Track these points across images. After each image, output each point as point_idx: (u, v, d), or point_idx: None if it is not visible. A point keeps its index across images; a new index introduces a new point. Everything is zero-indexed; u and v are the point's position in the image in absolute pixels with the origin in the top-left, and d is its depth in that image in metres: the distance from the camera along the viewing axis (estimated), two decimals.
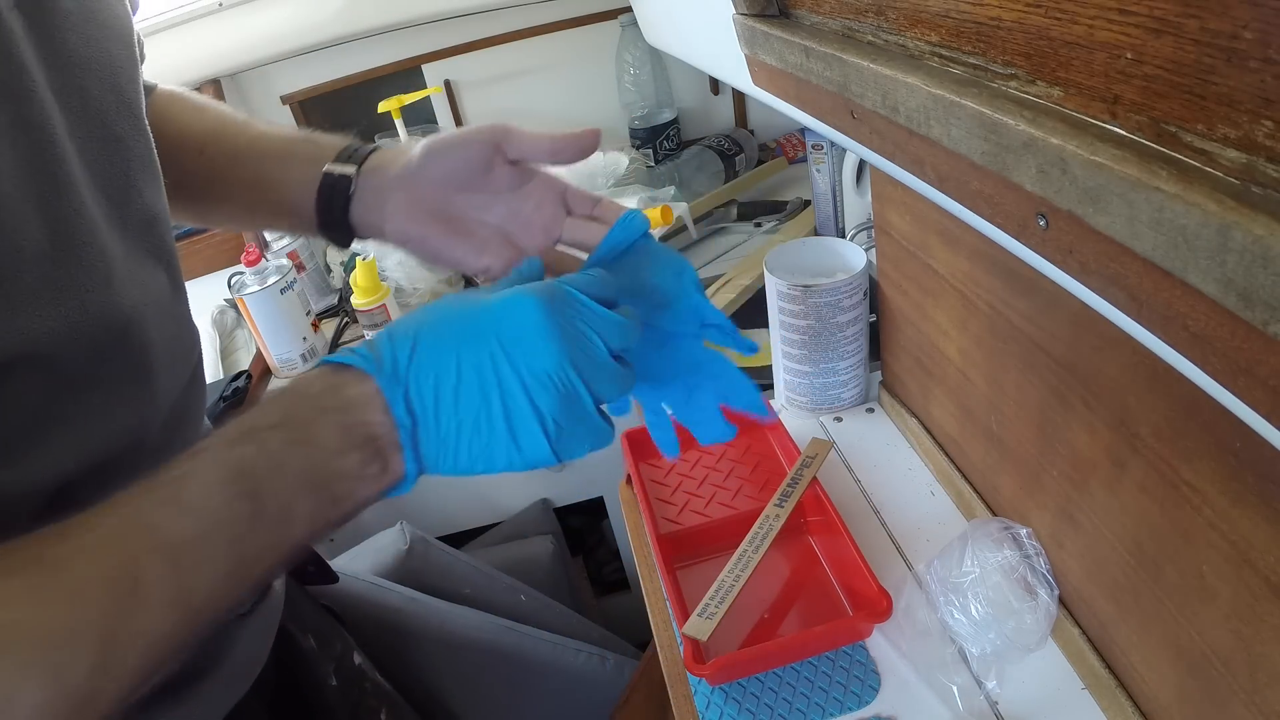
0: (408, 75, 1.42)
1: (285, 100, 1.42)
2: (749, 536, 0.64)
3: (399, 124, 1.28)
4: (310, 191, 0.52)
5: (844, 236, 1.07)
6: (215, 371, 1.13)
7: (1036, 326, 0.51)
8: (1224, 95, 0.22)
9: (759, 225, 1.27)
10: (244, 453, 0.34)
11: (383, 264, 1.15)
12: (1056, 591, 0.55)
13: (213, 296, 1.25)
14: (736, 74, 0.65)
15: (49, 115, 0.38)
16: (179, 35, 1.27)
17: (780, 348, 0.79)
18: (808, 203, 1.25)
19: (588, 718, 0.97)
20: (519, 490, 1.22)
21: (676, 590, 0.63)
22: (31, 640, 0.28)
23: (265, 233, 1.24)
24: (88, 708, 0.29)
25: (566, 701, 0.96)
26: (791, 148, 1.48)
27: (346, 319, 1.23)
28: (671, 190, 1.23)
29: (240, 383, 1.03)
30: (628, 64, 1.40)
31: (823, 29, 0.48)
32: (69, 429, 0.39)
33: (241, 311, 1.09)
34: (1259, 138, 0.21)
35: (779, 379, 0.83)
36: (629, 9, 1.27)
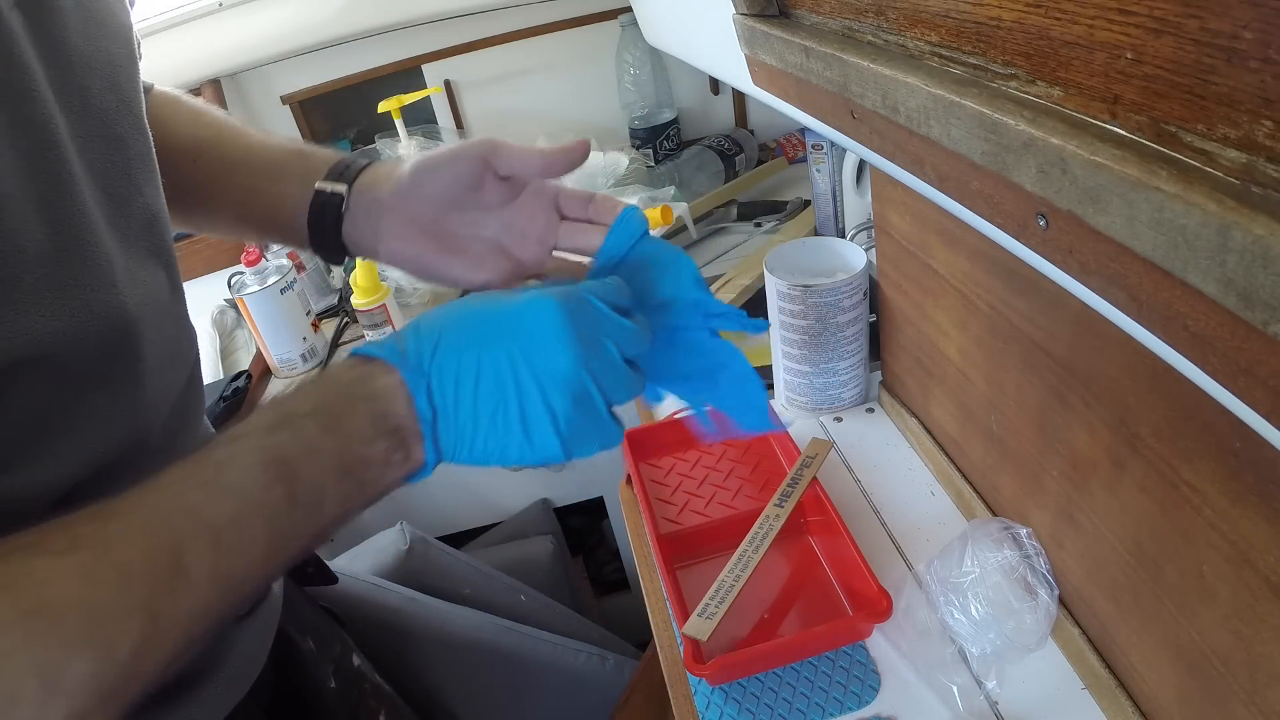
0: (408, 75, 1.42)
1: (285, 100, 1.42)
2: (749, 536, 0.64)
3: (399, 124, 1.27)
4: (302, 209, 0.52)
5: (844, 236, 1.07)
6: (215, 371, 1.13)
7: (1036, 326, 0.51)
8: (1224, 95, 0.22)
9: (759, 225, 1.27)
10: (281, 439, 0.36)
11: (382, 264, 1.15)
12: (1056, 591, 0.55)
13: (213, 296, 1.25)
14: (736, 74, 0.65)
15: (50, 115, 0.38)
16: (179, 35, 1.27)
17: (780, 348, 0.79)
18: (808, 203, 1.25)
19: (588, 718, 0.97)
20: (519, 490, 1.22)
21: (676, 590, 0.63)
22: (83, 617, 0.29)
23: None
24: (133, 680, 0.30)
25: (566, 701, 0.97)
26: (791, 148, 1.48)
27: (346, 319, 1.22)
28: (671, 190, 1.23)
29: (240, 383, 1.03)
30: (628, 64, 1.40)
31: (823, 29, 0.48)
32: (74, 431, 0.39)
33: (241, 311, 1.09)
34: (1259, 138, 0.21)
35: (779, 379, 0.83)
36: (629, 9, 1.27)
